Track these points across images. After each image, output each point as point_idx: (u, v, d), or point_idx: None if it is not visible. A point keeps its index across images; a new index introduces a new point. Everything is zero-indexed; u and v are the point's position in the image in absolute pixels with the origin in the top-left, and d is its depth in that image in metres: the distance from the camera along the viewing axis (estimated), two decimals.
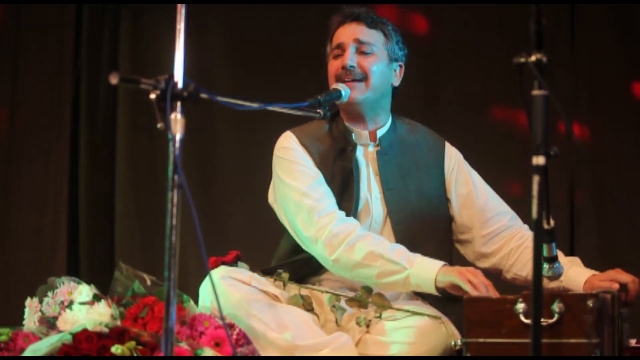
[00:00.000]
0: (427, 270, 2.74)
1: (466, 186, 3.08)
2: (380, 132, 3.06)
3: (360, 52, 2.98)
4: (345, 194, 2.98)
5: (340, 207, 2.95)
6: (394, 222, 2.98)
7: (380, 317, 2.83)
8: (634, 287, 2.73)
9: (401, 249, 2.82)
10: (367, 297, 2.90)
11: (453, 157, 3.12)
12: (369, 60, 2.98)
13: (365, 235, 2.86)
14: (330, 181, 2.98)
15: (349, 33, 2.99)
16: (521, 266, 2.98)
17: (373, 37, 3.00)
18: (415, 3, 4.36)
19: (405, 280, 2.77)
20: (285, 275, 2.92)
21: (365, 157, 3.04)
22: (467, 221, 3.06)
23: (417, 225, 2.99)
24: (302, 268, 3.00)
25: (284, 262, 3.03)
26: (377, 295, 2.91)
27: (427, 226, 3.00)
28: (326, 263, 2.91)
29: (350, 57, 2.96)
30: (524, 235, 3.01)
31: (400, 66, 3.07)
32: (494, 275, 2.99)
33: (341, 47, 3.00)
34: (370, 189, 3.01)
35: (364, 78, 2.97)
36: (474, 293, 2.58)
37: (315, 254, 2.93)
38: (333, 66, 3.01)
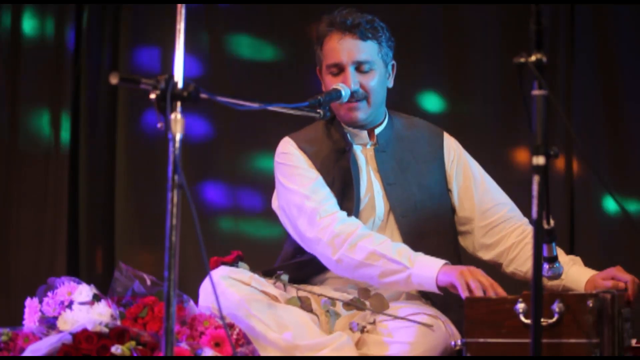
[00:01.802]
0: (428, 270, 2.74)
1: (466, 177, 3.09)
2: (377, 130, 3.06)
3: (360, 70, 2.97)
4: (347, 194, 2.98)
5: (342, 208, 2.95)
6: (398, 215, 2.99)
7: (374, 323, 2.83)
8: (632, 287, 2.72)
9: (403, 248, 2.82)
10: (365, 300, 2.89)
11: (452, 148, 3.12)
12: (368, 79, 2.96)
13: (367, 234, 2.86)
14: (331, 183, 2.99)
15: (346, 53, 2.95)
16: (522, 262, 2.99)
17: (369, 51, 2.97)
18: (416, 3, 4.35)
19: (407, 279, 2.77)
20: (285, 278, 2.93)
21: (365, 156, 3.04)
22: (467, 212, 3.07)
23: (421, 218, 2.99)
24: (305, 268, 3.00)
25: (287, 263, 3.04)
26: (376, 295, 2.90)
27: (431, 218, 3.01)
28: (329, 264, 2.91)
29: (353, 81, 2.94)
30: (526, 230, 3.00)
31: (393, 65, 3.07)
32: (493, 267, 3.00)
33: (339, 67, 2.97)
34: (372, 186, 3.01)
35: (366, 97, 2.97)
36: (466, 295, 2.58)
37: (318, 256, 2.93)
38: (333, 83, 2.97)
